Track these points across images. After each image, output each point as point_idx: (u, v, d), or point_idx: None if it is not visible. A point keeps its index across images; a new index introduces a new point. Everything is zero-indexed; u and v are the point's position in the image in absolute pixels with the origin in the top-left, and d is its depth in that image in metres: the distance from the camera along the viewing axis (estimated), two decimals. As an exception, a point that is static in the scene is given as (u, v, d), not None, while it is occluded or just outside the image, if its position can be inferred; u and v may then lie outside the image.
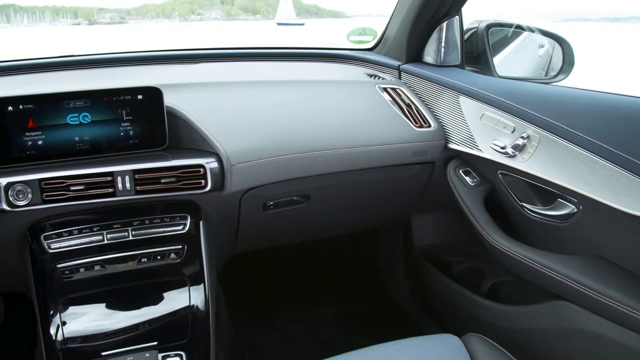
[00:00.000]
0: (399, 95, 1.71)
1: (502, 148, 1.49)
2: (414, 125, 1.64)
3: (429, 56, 1.86)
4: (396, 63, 1.88)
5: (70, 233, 1.33)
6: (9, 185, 1.21)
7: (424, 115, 1.68)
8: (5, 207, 1.21)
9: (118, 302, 1.32)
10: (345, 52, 2.04)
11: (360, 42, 2.05)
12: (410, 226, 2.05)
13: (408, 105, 1.69)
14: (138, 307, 1.31)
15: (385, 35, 1.99)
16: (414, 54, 1.87)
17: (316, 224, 1.81)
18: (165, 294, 1.34)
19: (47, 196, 1.23)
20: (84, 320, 1.29)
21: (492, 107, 1.54)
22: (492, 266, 1.80)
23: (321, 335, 2.20)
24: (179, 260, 1.36)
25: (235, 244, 1.66)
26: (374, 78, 1.83)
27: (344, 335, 2.19)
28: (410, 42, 1.85)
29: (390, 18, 1.93)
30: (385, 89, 1.73)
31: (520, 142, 1.43)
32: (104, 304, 1.31)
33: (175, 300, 1.33)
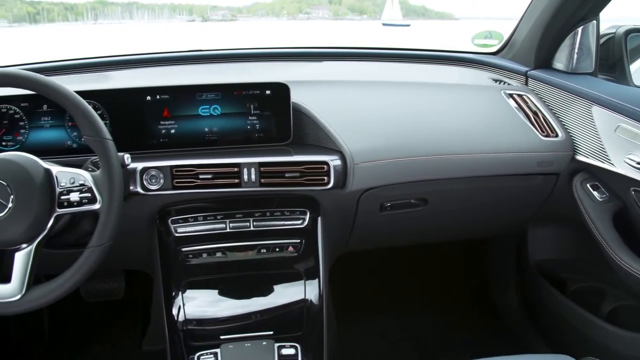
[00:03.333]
0: (526, 102, 1.65)
1: (638, 163, 1.40)
2: (540, 134, 1.57)
3: (559, 62, 1.76)
4: (523, 69, 1.81)
5: (195, 219, 1.40)
6: (144, 170, 1.29)
7: (551, 124, 1.60)
8: (139, 190, 1.29)
9: (236, 289, 1.38)
10: (469, 56, 1.99)
11: (485, 45, 1.99)
12: (526, 238, 1.97)
13: (535, 113, 1.62)
14: (255, 296, 1.36)
15: (513, 39, 1.91)
16: (544, 60, 1.79)
17: (430, 228, 1.78)
18: (281, 286, 1.37)
19: (177, 182, 1.30)
20: (204, 303, 1.35)
21: (630, 119, 1.44)
22: (615, 288, 1.69)
23: (422, 340, 2.17)
24: (296, 254, 1.40)
25: (347, 242, 1.68)
26: (499, 83, 1.77)
27: (446, 343, 2.14)
28: (540, 47, 1.77)
29: (520, 21, 1.85)
30: (511, 95, 1.67)
31: (660, 158, 1.34)
32: (222, 290, 1.37)
33: (290, 292, 1.37)
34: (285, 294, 1.36)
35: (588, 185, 1.58)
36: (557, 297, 1.81)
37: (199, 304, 1.34)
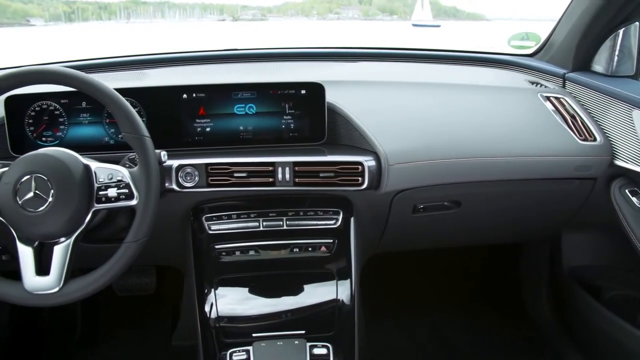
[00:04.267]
0: (563, 105, 1.62)
1: (680, 169, 1.36)
2: (578, 138, 1.53)
3: (599, 65, 1.73)
4: (561, 71, 1.77)
5: (229, 217, 1.40)
6: (180, 168, 1.30)
7: (589, 128, 1.57)
8: (174, 187, 1.30)
9: (268, 288, 1.38)
10: (505, 57, 1.96)
11: (522, 47, 1.95)
12: (560, 244, 1.93)
13: (572, 116, 1.59)
14: (287, 295, 1.36)
15: (550, 41, 1.88)
16: (582, 62, 1.75)
17: (463, 231, 1.76)
18: (312, 285, 1.37)
19: (212, 180, 1.31)
20: (236, 301, 1.36)
21: None
22: None
23: (451, 342, 2.15)
24: (328, 254, 1.40)
25: (379, 243, 1.67)
26: (536, 86, 1.74)
27: (475, 349, 2.12)
28: (579, 49, 1.73)
29: (558, 23, 1.82)
30: (547, 98, 1.64)
31: None
32: (254, 288, 1.37)
33: (322, 292, 1.37)
34: (317, 293, 1.36)
35: (627, 190, 1.55)
36: (592, 305, 1.77)
37: (231, 301, 1.35)
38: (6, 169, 1.10)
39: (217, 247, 1.39)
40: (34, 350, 2.09)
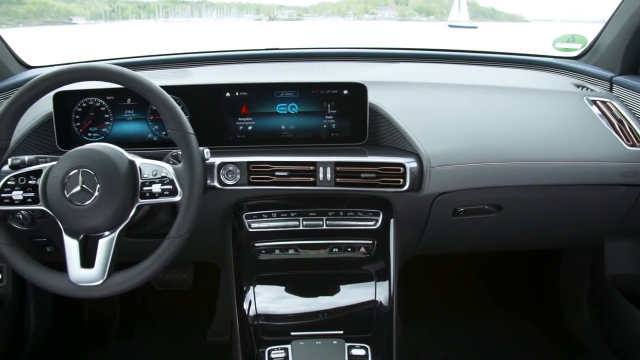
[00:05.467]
0: (610, 110, 1.57)
1: None
2: (625, 144, 1.49)
3: (648, 68, 1.68)
4: (608, 74, 1.73)
5: (269, 215, 1.41)
6: (222, 165, 1.31)
7: (637, 133, 1.52)
8: (216, 184, 1.31)
9: (306, 287, 1.38)
10: (549, 60, 1.92)
11: (567, 49, 1.91)
12: (603, 252, 1.88)
13: (620, 121, 1.55)
14: (325, 295, 1.36)
15: (597, 44, 1.83)
16: (631, 65, 1.71)
17: (503, 235, 1.73)
18: (351, 286, 1.37)
19: (253, 178, 1.32)
20: (274, 299, 1.36)
21: None
22: None
23: (487, 348, 2.11)
24: (367, 255, 1.39)
25: (417, 245, 1.65)
26: (582, 89, 1.70)
27: (510, 352, 2.09)
28: (628, 52, 1.69)
29: (606, 25, 1.77)
30: (594, 102, 1.59)
31: None
32: (293, 287, 1.37)
33: (360, 293, 1.36)
34: (355, 294, 1.36)
35: None
36: (634, 314, 1.72)
37: (269, 299, 1.35)
38: (55, 162, 1.13)
39: (256, 245, 1.39)
40: (74, 340, 2.14)
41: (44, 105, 1.38)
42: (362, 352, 1.26)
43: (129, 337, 2.22)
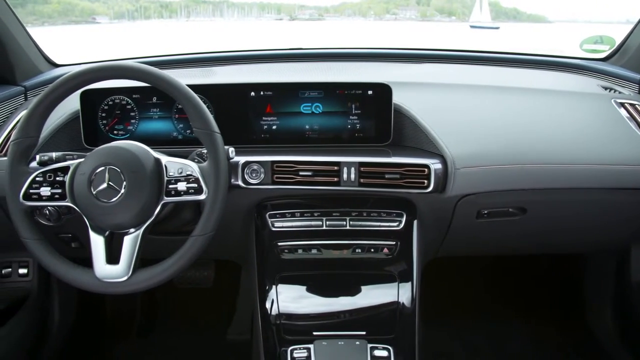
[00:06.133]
0: (638, 112, 1.55)
1: None
2: None
3: (679, 71, 1.65)
4: (637, 76, 1.70)
5: (292, 215, 1.41)
6: (246, 164, 1.32)
7: None
8: (240, 183, 1.32)
9: (329, 287, 1.38)
10: (576, 61, 1.90)
11: (595, 51, 1.88)
12: (629, 257, 1.84)
13: None
14: (347, 295, 1.36)
15: (626, 45, 1.80)
16: (661, 68, 1.68)
17: (526, 239, 1.71)
18: (374, 287, 1.36)
19: (277, 178, 1.32)
20: (297, 298, 1.37)
21: None
22: None
23: (509, 351, 2.09)
24: (390, 256, 1.38)
25: (440, 247, 1.64)
26: (610, 91, 1.67)
27: (533, 357, 2.06)
28: (658, 54, 1.66)
29: (635, 26, 1.74)
30: (622, 104, 1.57)
31: None
32: (315, 286, 1.37)
33: (383, 294, 1.35)
34: (377, 295, 1.35)
35: None
36: None
37: (292, 298, 1.36)
38: (82, 160, 1.14)
39: (279, 244, 1.39)
40: (95, 336, 2.16)
41: (71, 103, 1.40)
42: (384, 353, 1.26)
43: (149, 333, 2.24)
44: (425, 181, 1.29)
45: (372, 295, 1.35)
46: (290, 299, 1.35)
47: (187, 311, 2.32)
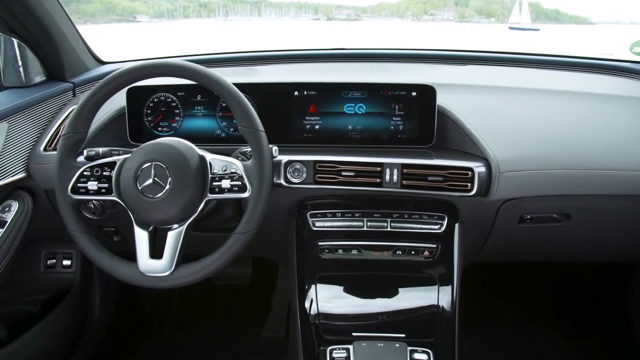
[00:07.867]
0: None
1: None
2: None
3: None
4: None
5: (333, 215, 1.41)
6: (288, 163, 1.32)
7: None
8: (282, 182, 1.32)
9: (368, 288, 1.37)
10: (625, 65, 1.84)
11: (646, 54, 1.82)
12: None
13: None
14: (387, 297, 1.35)
15: (679, 48, 1.74)
16: None
17: (570, 246, 1.67)
18: (413, 289, 1.35)
19: (319, 177, 1.32)
20: (336, 298, 1.36)
21: None
22: None
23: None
24: (430, 259, 1.37)
25: (480, 251, 1.62)
26: None
27: None
28: None
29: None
30: None
31: None
32: (355, 287, 1.37)
33: (423, 297, 1.34)
34: (417, 297, 1.34)
35: None
36: None
37: (331, 298, 1.35)
38: (128, 155, 1.16)
39: (319, 243, 1.39)
40: (133, 329, 2.20)
41: (117, 100, 1.42)
42: (424, 356, 1.24)
43: (185, 329, 2.26)
44: (469, 184, 1.28)
45: (412, 298, 1.34)
46: (329, 298, 1.35)
47: (223, 308, 2.34)
